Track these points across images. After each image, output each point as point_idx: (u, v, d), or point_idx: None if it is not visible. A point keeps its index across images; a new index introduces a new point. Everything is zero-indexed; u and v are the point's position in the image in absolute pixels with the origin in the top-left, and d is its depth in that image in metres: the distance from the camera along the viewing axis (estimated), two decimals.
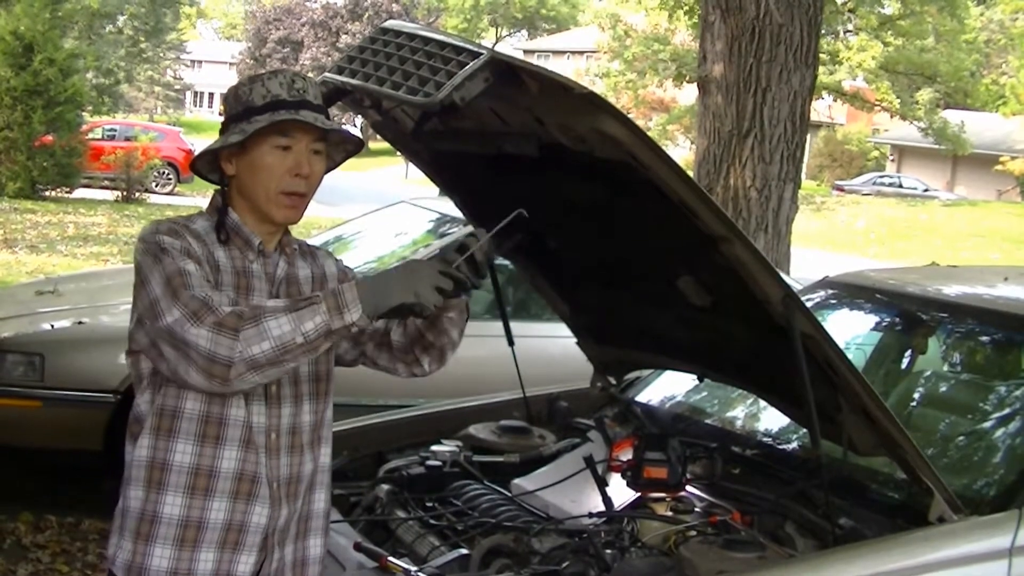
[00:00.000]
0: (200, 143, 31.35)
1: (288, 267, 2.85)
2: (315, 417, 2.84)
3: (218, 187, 2.80)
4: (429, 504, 3.66)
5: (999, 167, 44.24)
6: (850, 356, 3.29)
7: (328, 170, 2.88)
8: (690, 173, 8.16)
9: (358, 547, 3.25)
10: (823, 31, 16.19)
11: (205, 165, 2.78)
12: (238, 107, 2.70)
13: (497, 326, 4.23)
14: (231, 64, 73.69)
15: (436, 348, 2.93)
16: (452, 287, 2.57)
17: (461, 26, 70.53)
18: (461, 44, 2.77)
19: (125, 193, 25.43)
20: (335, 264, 2.99)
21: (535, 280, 4.35)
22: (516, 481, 3.87)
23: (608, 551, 3.27)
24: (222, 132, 2.72)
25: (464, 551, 3.24)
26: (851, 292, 4.86)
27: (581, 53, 58.73)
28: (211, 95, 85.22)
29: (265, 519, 2.71)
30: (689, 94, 31.28)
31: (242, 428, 2.68)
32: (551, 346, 5.58)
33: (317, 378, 2.85)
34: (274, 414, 2.73)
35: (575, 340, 4.50)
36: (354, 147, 2.86)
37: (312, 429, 2.83)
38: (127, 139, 28.46)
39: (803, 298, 3.91)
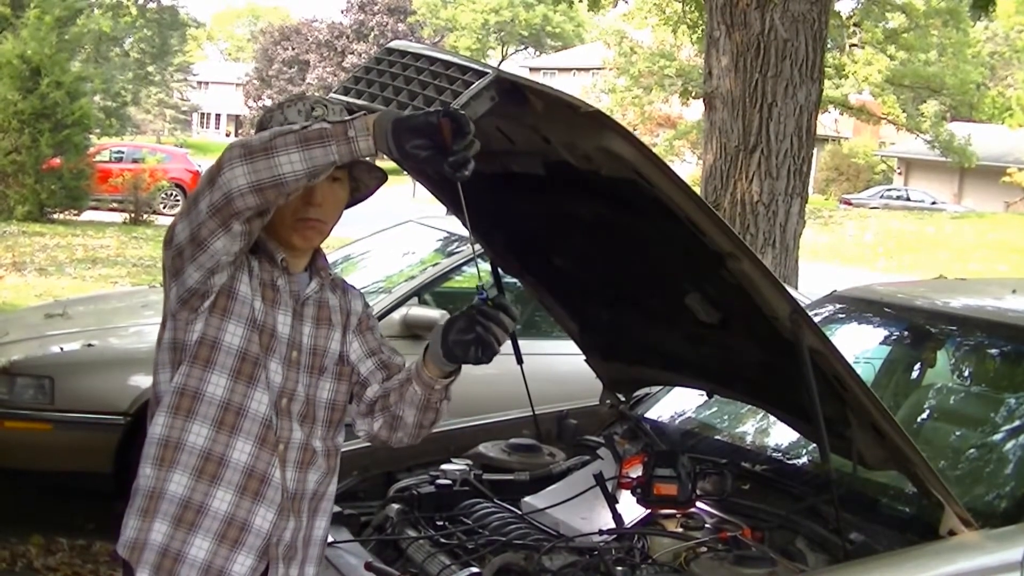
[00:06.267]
0: (207, 164, 31.44)
1: (320, 289, 2.88)
2: (324, 444, 2.87)
3: None
4: (439, 523, 3.66)
5: (1006, 179, 44.21)
6: (859, 370, 3.29)
7: (362, 198, 2.93)
8: (697, 189, 8.10)
9: (369, 567, 3.24)
10: (828, 45, 16.20)
11: None
12: None
13: (506, 344, 4.23)
14: (238, 85, 73.89)
15: (390, 414, 2.90)
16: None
17: (474, 47, 70.58)
18: (466, 63, 2.79)
19: (133, 215, 25.47)
20: (362, 304, 3.01)
21: (543, 297, 4.36)
22: (526, 499, 3.86)
23: (619, 568, 3.26)
24: None
25: (475, 570, 3.23)
26: (859, 306, 4.86)
27: (587, 70, 58.71)
28: (218, 116, 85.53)
29: (269, 524, 2.72)
30: (696, 110, 31.32)
31: (260, 425, 2.71)
32: (560, 364, 5.58)
33: (333, 406, 2.89)
34: (284, 427, 2.76)
35: (584, 357, 4.50)
36: (381, 174, 2.89)
37: (324, 455, 2.86)
38: (134, 161, 28.54)
39: (811, 313, 3.93)
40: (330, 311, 2.89)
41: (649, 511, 3.63)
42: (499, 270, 4.27)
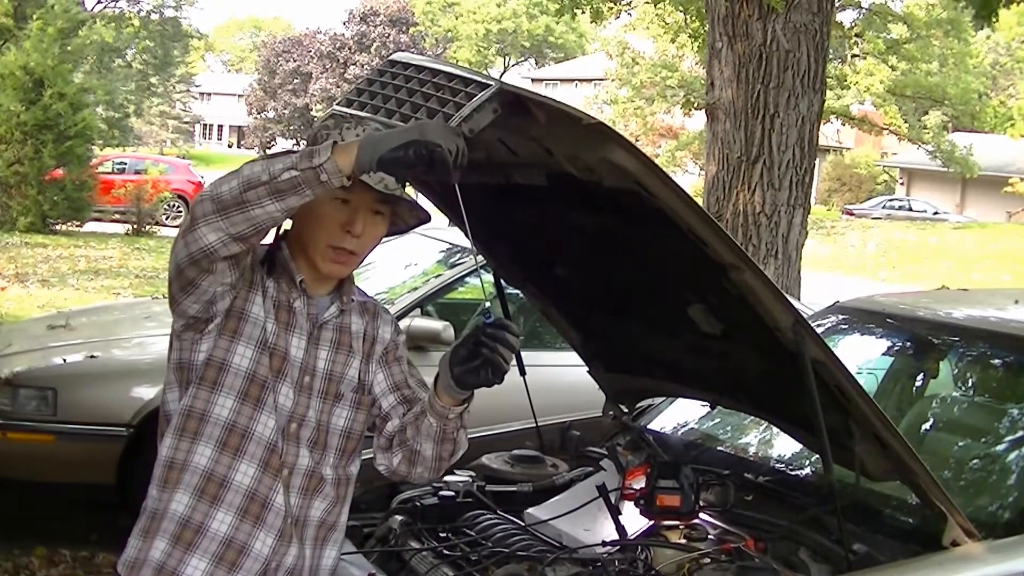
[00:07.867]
0: (210, 175, 31.48)
1: (340, 314, 2.84)
2: (335, 472, 2.83)
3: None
4: (443, 534, 3.65)
5: (1008, 189, 44.17)
6: (862, 381, 3.29)
7: (395, 233, 2.91)
8: (699, 199, 8.11)
9: None
10: (830, 56, 16.20)
11: None
12: None
13: None
14: (240, 96, 74.00)
15: (408, 449, 2.84)
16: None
17: (475, 58, 70.58)
18: (469, 75, 2.79)
19: (136, 226, 25.46)
20: (392, 332, 2.96)
21: (546, 308, 4.36)
22: (529, 510, 3.86)
23: None
24: None
25: None
26: (862, 317, 4.86)
27: (589, 81, 58.75)
28: (220, 127, 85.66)
29: (268, 549, 2.70)
30: (698, 121, 31.34)
31: (264, 448, 2.69)
32: (563, 375, 5.58)
33: (349, 435, 2.85)
34: (291, 452, 2.73)
35: (587, 368, 4.49)
36: (424, 215, 2.86)
37: (333, 483, 2.83)
38: (137, 172, 28.51)
39: (814, 324, 3.93)
40: (351, 337, 2.85)
41: (652, 522, 3.62)
42: (501, 281, 4.27)
